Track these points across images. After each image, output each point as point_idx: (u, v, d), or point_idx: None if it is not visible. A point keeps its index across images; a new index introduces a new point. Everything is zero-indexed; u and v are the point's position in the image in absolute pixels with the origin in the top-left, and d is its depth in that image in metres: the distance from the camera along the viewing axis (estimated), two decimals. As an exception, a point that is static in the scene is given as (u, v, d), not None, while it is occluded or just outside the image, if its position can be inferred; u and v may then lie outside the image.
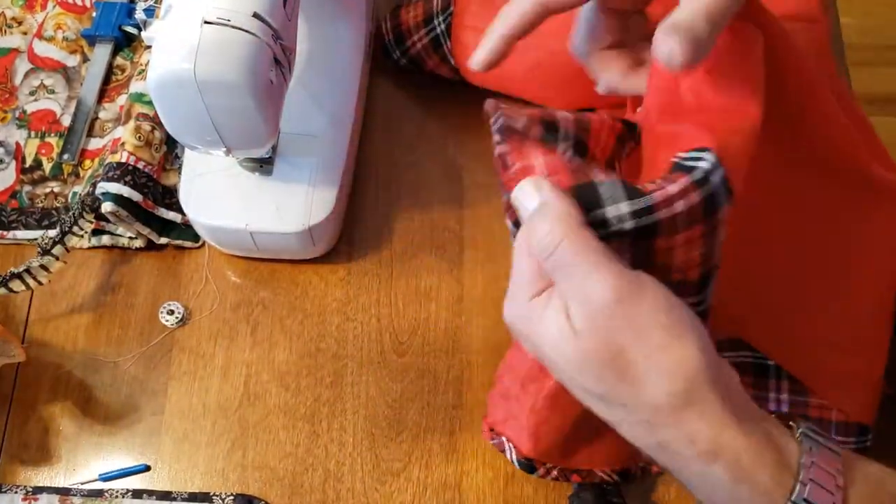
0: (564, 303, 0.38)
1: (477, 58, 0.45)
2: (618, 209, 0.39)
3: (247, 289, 0.69)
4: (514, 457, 0.59)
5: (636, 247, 0.40)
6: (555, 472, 0.60)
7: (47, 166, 0.73)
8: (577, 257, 0.37)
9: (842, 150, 0.50)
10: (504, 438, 0.60)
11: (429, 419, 0.64)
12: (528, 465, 0.59)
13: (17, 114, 0.75)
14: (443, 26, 0.69)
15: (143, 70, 0.72)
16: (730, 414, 0.36)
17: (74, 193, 0.72)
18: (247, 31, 0.51)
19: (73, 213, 0.64)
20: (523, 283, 0.40)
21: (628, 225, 0.39)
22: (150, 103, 0.69)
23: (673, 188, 0.38)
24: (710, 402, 0.36)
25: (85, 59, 0.78)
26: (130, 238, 0.70)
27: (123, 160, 0.67)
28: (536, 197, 0.39)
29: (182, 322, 0.68)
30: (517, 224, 0.41)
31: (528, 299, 0.39)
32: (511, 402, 0.58)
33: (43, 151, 0.74)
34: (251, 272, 0.70)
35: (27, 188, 0.73)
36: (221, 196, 0.65)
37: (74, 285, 0.70)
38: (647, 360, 0.36)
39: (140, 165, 0.67)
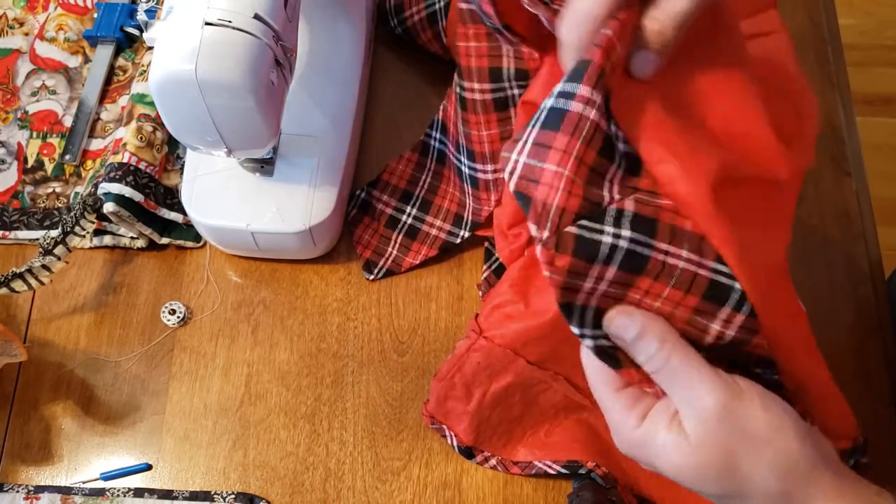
0: (672, 415, 0.41)
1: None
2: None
3: (248, 289, 0.70)
4: (455, 443, 0.62)
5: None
6: (493, 461, 0.62)
7: (49, 167, 0.74)
8: (687, 366, 0.40)
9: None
10: (445, 426, 0.62)
11: (429, 418, 0.65)
12: (468, 452, 0.62)
13: (18, 114, 0.76)
14: (441, 3, 0.70)
15: (145, 71, 0.72)
16: (837, 490, 0.39)
17: (76, 194, 0.72)
18: (248, 33, 0.51)
19: (75, 214, 0.64)
20: (624, 417, 0.42)
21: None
22: (151, 104, 0.70)
23: None
24: (820, 482, 0.39)
25: (86, 60, 0.78)
26: (132, 238, 0.70)
27: (125, 161, 0.67)
28: (633, 324, 0.41)
29: (183, 322, 0.68)
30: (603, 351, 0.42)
31: (634, 428, 0.42)
32: (450, 401, 0.61)
33: (45, 152, 0.74)
34: (252, 272, 0.70)
35: (29, 188, 0.73)
36: (223, 196, 0.66)
37: (76, 285, 0.70)
38: (755, 456, 0.39)
39: (142, 166, 0.68)
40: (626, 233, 0.38)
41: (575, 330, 0.41)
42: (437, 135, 0.71)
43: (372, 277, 0.69)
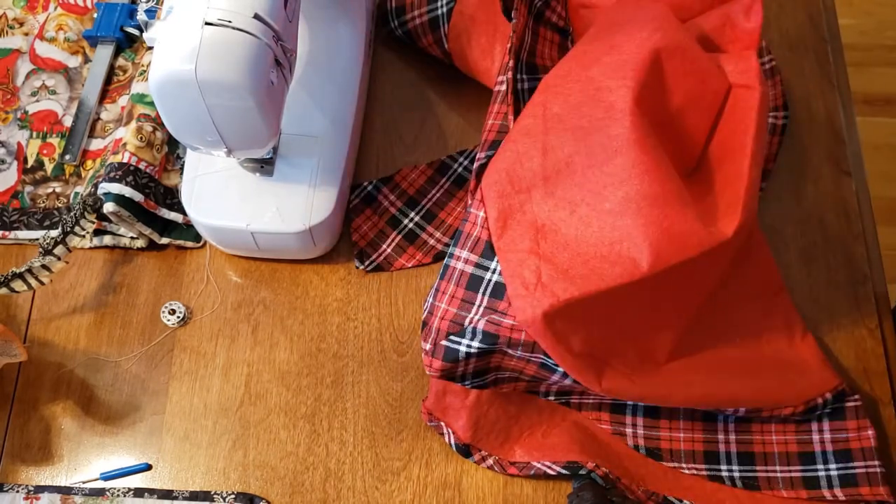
0: None
1: None
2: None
3: (248, 289, 0.70)
4: (452, 440, 0.62)
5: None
6: (490, 461, 0.62)
7: (49, 167, 0.74)
8: None
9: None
10: (443, 423, 0.62)
11: (429, 418, 0.65)
12: (465, 450, 0.62)
13: (18, 114, 0.76)
14: (445, 9, 0.70)
15: (145, 71, 0.72)
16: None
17: (76, 194, 0.72)
18: (248, 33, 0.51)
19: (75, 214, 0.64)
20: None
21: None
22: (151, 104, 0.70)
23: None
24: None
25: (86, 60, 0.78)
26: (132, 238, 0.70)
27: (125, 161, 0.67)
28: None
29: (183, 322, 0.68)
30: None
31: None
32: (449, 395, 0.62)
33: (45, 152, 0.74)
34: (252, 272, 0.70)
35: (29, 188, 0.73)
36: (223, 196, 0.66)
37: (76, 285, 0.70)
38: None
39: (142, 166, 0.68)
40: (475, 343, 0.56)
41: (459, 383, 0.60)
42: (465, 161, 0.72)
43: (362, 267, 0.69)
